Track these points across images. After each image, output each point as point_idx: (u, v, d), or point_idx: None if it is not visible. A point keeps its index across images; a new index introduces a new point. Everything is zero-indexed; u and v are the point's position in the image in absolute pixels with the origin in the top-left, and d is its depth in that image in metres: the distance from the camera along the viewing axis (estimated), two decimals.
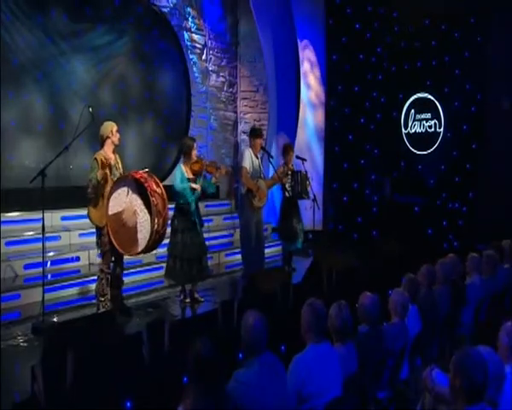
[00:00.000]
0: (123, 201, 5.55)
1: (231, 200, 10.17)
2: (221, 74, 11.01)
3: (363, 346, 3.64)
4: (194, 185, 6.18)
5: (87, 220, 5.91)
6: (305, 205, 8.34)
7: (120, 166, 5.89)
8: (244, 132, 11.05)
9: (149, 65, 9.69)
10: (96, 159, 5.62)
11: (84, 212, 6.04)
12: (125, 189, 5.56)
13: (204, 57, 10.69)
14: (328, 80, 11.00)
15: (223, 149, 11.13)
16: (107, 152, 5.76)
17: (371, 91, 10.69)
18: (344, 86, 10.83)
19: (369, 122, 10.70)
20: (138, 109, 9.51)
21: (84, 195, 5.75)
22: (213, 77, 10.88)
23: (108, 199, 5.56)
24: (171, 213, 6.08)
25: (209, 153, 10.65)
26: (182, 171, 6.25)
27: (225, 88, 11.12)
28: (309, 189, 7.95)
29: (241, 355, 3.55)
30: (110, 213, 5.56)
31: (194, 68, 10.50)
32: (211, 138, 10.87)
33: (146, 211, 5.48)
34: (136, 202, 5.51)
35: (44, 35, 8.04)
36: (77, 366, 3.29)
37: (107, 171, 5.59)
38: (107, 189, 5.60)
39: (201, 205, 8.48)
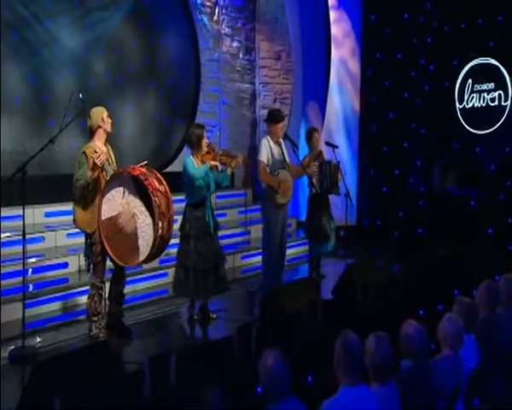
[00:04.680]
0: (118, 203, 5.54)
1: (248, 189, 10.14)
2: (236, 38, 11.01)
3: (406, 385, 3.61)
4: (212, 162, 6.17)
5: None
6: (335, 202, 8.27)
7: (113, 159, 5.88)
8: (264, 107, 11.01)
9: (150, 26, 9.73)
10: (84, 153, 5.58)
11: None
12: (121, 189, 5.56)
13: (215, 18, 10.69)
14: (364, 46, 10.88)
15: (239, 127, 11.13)
16: (99, 144, 5.72)
17: (418, 58, 10.51)
18: (384, 53, 10.68)
19: (415, 96, 10.55)
20: (137, 79, 9.57)
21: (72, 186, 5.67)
22: (227, 41, 10.89)
23: (101, 201, 5.56)
24: (176, 205, 6.02)
25: (222, 132, 10.65)
26: (192, 162, 6.25)
27: (241, 55, 11.13)
28: (340, 183, 7.88)
29: (259, 390, 3.58)
30: (103, 217, 5.56)
31: (204, 31, 10.51)
32: (224, 115, 10.88)
33: (147, 213, 5.48)
34: (135, 203, 5.51)
35: None
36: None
37: (99, 171, 5.57)
38: (100, 188, 5.58)
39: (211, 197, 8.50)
